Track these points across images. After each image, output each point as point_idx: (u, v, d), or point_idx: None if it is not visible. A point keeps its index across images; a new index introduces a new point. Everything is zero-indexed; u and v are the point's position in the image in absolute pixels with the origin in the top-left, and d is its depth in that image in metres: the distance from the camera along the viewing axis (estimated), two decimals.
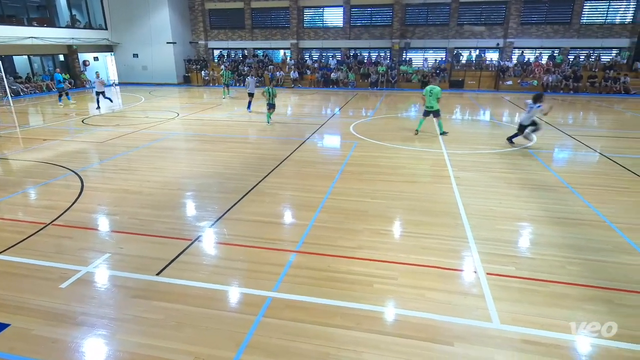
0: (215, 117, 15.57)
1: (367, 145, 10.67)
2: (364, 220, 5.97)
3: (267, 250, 5.13)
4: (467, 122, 14.84)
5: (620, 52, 25.26)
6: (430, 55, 28.13)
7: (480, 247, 5.14)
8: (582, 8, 24.78)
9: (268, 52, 30.38)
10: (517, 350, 3.42)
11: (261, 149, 10.44)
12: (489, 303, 4.03)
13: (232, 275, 4.58)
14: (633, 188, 7.40)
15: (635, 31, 24.39)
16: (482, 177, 8.03)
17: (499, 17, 26.23)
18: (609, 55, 25.57)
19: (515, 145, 10.48)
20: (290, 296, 4.16)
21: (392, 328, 3.73)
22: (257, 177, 7.97)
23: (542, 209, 6.38)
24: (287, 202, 6.86)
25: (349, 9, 27.77)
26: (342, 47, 29.07)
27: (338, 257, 4.93)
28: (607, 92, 22.76)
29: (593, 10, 25.05)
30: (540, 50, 26.18)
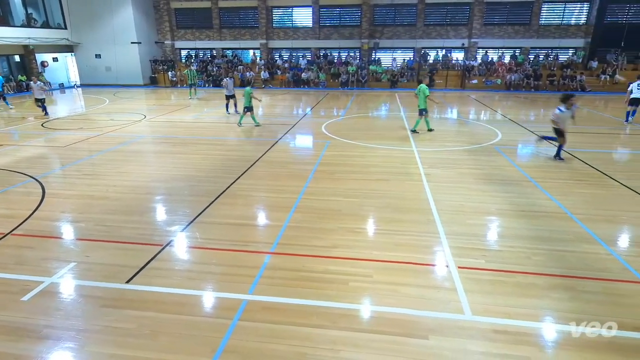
0: (185, 118, 15.23)
1: (340, 145, 10.73)
2: (337, 219, 6.01)
3: (241, 252, 5.07)
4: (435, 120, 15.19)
5: (576, 51, 26.59)
6: (399, 55, 28.64)
7: (451, 242, 5.27)
8: (540, 9, 25.92)
9: (237, 52, 30.02)
10: (488, 340, 3.53)
11: (233, 151, 10.31)
12: (461, 296, 4.14)
13: (206, 280, 4.49)
14: (591, 181, 7.80)
15: (589, 32, 25.75)
16: (452, 173, 8.25)
17: (463, 18, 27.02)
18: (565, 55, 26.86)
19: (564, 160, 9.06)
20: (265, 298, 4.13)
21: (368, 325, 3.77)
22: (229, 179, 7.85)
23: (508, 203, 6.62)
24: (260, 203, 6.81)
25: (317, 9, 27.85)
26: (312, 47, 29.12)
27: (313, 257, 4.93)
28: (565, 90, 23.89)
29: (550, 12, 26.25)
30: (502, 50, 27.17)
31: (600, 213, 6.22)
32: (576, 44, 26.44)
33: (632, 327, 3.66)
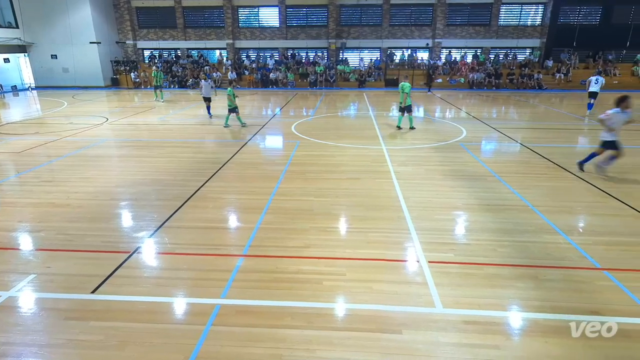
0: (150, 120, 14.77)
1: (310, 145, 10.75)
2: (310, 219, 6.01)
3: (213, 256, 4.98)
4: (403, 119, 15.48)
5: (532, 51, 27.88)
6: (366, 54, 29.02)
7: (421, 237, 5.40)
8: (499, 11, 26.99)
9: (203, 52, 29.44)
10: (459, 331, 3.65)
11: (201, 153, 10.10)
12: (432, 289, 4.25)
13: (176, 286, 4.38)
14: (549, 174, 8.20)
15: (544, 32, 27.07)
16: (420, 170, 8.44)
17: (427, 19, 27.72)
18: (523, 54, 28.10)
19: (607, 174, 8.00)
20: (239, 301, 4.08)
21: (343, 323, 3.80)
22: (198, 182, 7.69)
23: (474, 198, 6.85)
24: (231, 206, 6.71)
25: (284, 9, 27.76)
26: (279, 47, 29.00)
27: (286, 258, 4.91)
28: (524, 88, 25.01)
29: (508, 13, 27.39)
30: (465, 49, 28.08)
31: (559, 204, 6.56)
32: (533, 44, 27.72)
33: (589, 312, 3.87)
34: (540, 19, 27.27)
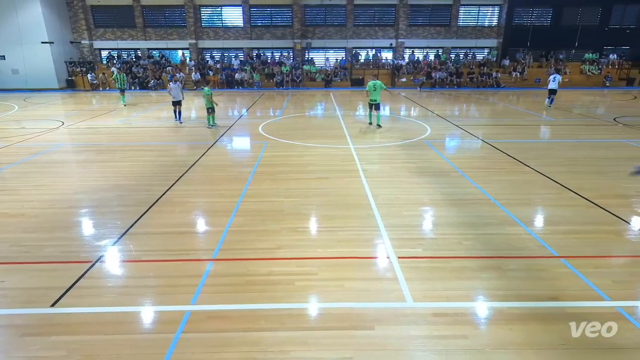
0: (110, 124, 14.19)
1: (278, 145, 10.69)
2: (280, 220, 5.98)
3: (182, 262, 4.85)
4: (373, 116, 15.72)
5: (490, 51, 29.04)
6: (332, 54, 29.21)
7: (390, 234, 5.50)
8: (458, 12, 27.93)
9: (165, 52, 28.62)
10: (429, 323, 3.75)
11: (166, 156, 9.81)
12: (402, 284, 4.34)
13: (143, 294, 4.24)
14: (509, 168, 8.57)
15: (501, 33, 28.28)
16: (387, 168, 8.59)
17: (390, 19, 28.26)
18: (482, 54, 29.22)
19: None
20: (210, 307, 4.00)
21: (316, 322, 3.81)
22: (164, 186, 7.47)
23: (439, 193, 7.06)
24: (199, 209, 6.56)
25: (248, 9, 27.47)
26: (244, 47, 28.66)
27: (257, 260, 4.87)
28: (483, 86, 26.01)
29: (467, 14, 28.41)
30: (427, 49, 28.85)
31: (518, 197, 6.87)
32: (490, 44, 28.90)
33: (548, 298, 4.09)
34: (497, 20, 28.47)
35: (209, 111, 13.10)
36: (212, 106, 13.03)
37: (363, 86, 26.49)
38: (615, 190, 7.16)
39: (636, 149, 10.10)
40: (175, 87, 14.20)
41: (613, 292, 4.16)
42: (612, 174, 8.10)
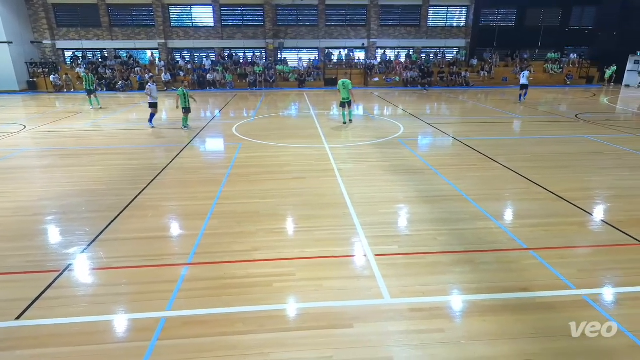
0: (76, 127, 13.66)
1: (252, 146, 10.60)
2: (256, 222, 5.93)
3: (156, 268, 4.73)
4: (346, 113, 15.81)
5: (459, 50, 29.80)
6: (304, 54, 29.20)
7: (367, 232, 5.56)
8: (428, 12, 28.51)
9: (133, 52, 27.81)
10: (407, 318, 3.81)
11: (136, 159, 9.53)
12: (379, 282, 4.39)
13: (116, 302, 4.10)
14: (479, 165, 8.83)
15: (469, 33, 29.06)
16: (362, 167, 8.68)
17: (361, 19, 28.52)
18: (451, 54, 29.95)
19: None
20: (186, 312, 3.92)
21: (295, 323, 3.80)
22: (135, 190, 7.27)
23: (414, 190, 7.18)
24: (172, 213, 6.41)
25: (218, 8, 27.08)
26: (215, 47, 28.23)
27: (234, 263, 4.81)
28: (453, 85, 26.66)
29: (436, 15, 29.04)
30: (398, 49, 29.30)
31: (489, 192, 7.09)
32: (459, 44, 29.65)
33: (519, 289, 4.24)
34: (464, 20, 29.24)
35: (184, 111, 12.83)
36: (187, 106, 12.75)
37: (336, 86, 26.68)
38: (578, 184, 7.50)
39: (597, 143, 10.61)
40: (154, 89, 13.67)
41: (578, 281, 4.36)
42: (576, 168, 8.48)
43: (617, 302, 4.06)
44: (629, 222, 5.83)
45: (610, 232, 5.55)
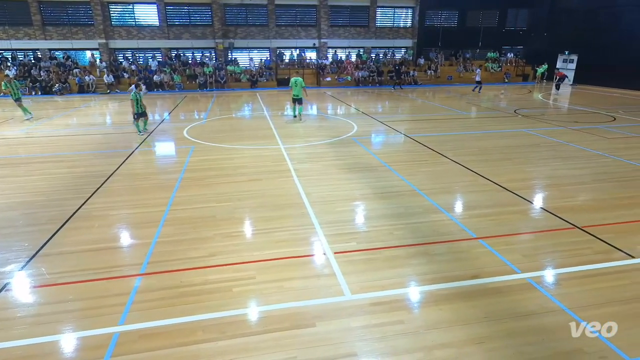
0: (8, 134, 12.56)
1: (205, 149, 10.31)
2: (213, 226, 5.79)
3: (106, 280, 4.47)
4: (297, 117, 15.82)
5: (407, 50, 30.81)
6: (256, 54, 28.83)
7: (325, 231, 5.60)
8: (376, 13, 29.21)
9: (70, 53, 26.04)
10: (368, 313, 3.89)
11: (79, 167, 8.94)
12: (339, 279, 4.45)
13: (62, 321, 3.83)
14: (430, 160, 9.19)
15: (415, 34, 30.13)
16: (318, 166, 8.73)
17: (311, 20, 28.64)
18: (399, 53, 30.89)
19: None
20: (142, 325, 3.74)
21: (257, 327, 3.75)
22: (79, 200, 6.82)
23: (369, 187, 7.34)
24: (122, 222, 6.09)
25: (163, 7, 26.04)
26: (161, 47, 27.12)
27: (191, 270, 4.66)
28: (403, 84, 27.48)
29: (383, 16, 29.80)
30: (349, 49, 29.76)
31: (440, 186, 7.40)
32: (406, 44, 30.64)
33: (470, 276, 4.47)
34: (411, 21, 30.27)
35: (137, 117, 11.97)
36: (140, 111, 11.94)
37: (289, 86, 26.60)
38: (519, 175, 8.04)
39: (534, 136, 11.42)
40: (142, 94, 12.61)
41: (523, 265, 4.68)
42: (517, 160, 9.07)
43: (557, 282, 4.40)
44: (564, 207, 6.34)
45: (548, 218, 6.00)
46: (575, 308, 3.92)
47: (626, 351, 3.38)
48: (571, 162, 8.92)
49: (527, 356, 3.35)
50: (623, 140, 10.91)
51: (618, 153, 9.52)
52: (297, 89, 13.91)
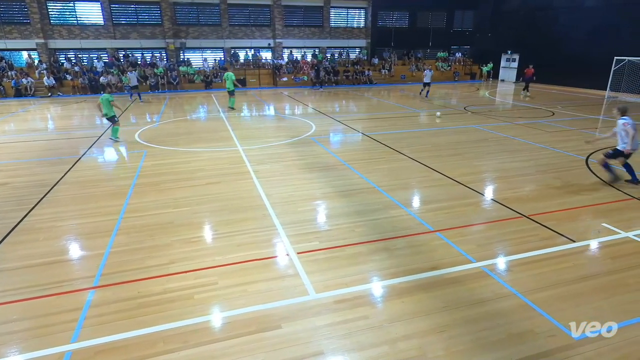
0: None
1: (159, 153, 9.94)
2: (171, 233, 5.59)
3: (54, 296, 4.19)
4: (255, 117, 15.66)
5: (361, 50, 31.36)
6: (209, 55, 28.15)
7: (288, 231, 5.59)
8: (330, 14, 29.48)
9: (4, 54, 24.10)
10: (332, 311, 3.93)
11: (18, 176, 8.30)
12: (304, 279, 4.45)
13: (6, 343, 3.55)
14: (387, 157, 9.42)
15: (369, 34, 30.73)
16: (278, 167, 8.68)
17: (265, 20, 28.40)
18: (354, 53, 31.38)
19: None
20: (97, 341, 3.54)
21: (222, 333, 3.67)
22: (20, 212, 6.34)
23: (329, 186, 7.41)
24: (70, 233, 5.73)
25: (108, 5, 24.75)
26: (107, 47, 25.78)
27: (149, 279, 4.47)
28: (358, 83, 27.99)
29: (337, 16, 30.14)
30: (304, 49, 29.82)
31: (397, 183, 7.61)
32: (360, 44, 31.18)
33: (429, 268, 4.64)
34: (364, 21, 30.84)
35: (112, 121, 11.07)
36: (113, 115, 10.99)
37: (245, 87, 26.19)
38: (470, 169, 8.44)
39: (483, 132, 12.03)
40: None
41: (477, 255, 4.92)
42: (468, 155, 9.51)
43: (508, 269, 4.67)
44: (512, 198, 6.74)
45: (499, 209, 6.35)
46: (525, 292, 4.18)
47: (572, 329, 3.65)
48: (517, 155, 9.49)
49: (484, 340, 3.53)
50: (561, 134, 11.76)
51: (557, 145, 10.25)
52: (228, 82, 16.18)
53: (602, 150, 8.66)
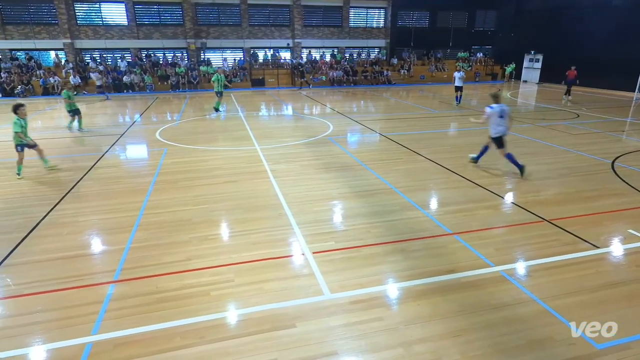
0: None
1: (179, 151, 10.11)
2: (188, 230, 5.68)
3: (77, 289, 4.32)
4: (273, 117, 15.76)
5: (380, 50, 31.18)
6: (229, 55, 28.49)
7: (303, 231, 5.60)
8: (349, 14, 29.41)
9: (33, 53, 24.95)
10: (347, 311, 3.91)
11: (44, 172, 8.57)
12: (319, 279, 4.45)
13: (30, 333, 3.67)
14: (405, 158, 9.34)
15: (388, 34, 30.53)
16: (295, 166, 8.71)
17: (285, 20, 28.55)
18: (373, 53, 31.23)
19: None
20: (116, 333, 3.63)
21: (237, 330, 3.71)
22: (46, 207, 6.55)
23: (346, 186, 7.39)
24: (93, 228, 5.89)
25: (132, 6, 25.34)
26: (131, 47, 26.39)
27: (167, 275, 4.56)
28: (377, 84, 27.84)
29: (357, 16, 30.05)
30: (323, 49, 29.84)
31: (415, 184, 7.53)
32: (379, 44, 31.00)
33: (446, 271, 4.57)
34: (383, 21, 30.65)
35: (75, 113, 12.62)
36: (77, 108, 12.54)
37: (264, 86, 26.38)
38: (491, 171, 8.28)
39: None
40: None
41: (496, 259, 4.82)
42: (488, 156, 9.32)
43: (528, 274, 4.56)
44: (533, 202, 6.58)
45: (519, 212, 6.21)
46: (546, 298, 4.07)
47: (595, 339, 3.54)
48: (539, 157, 9.27)
49: (501, 346, 3.46)
50: (585, 136, 11.41)
51: (581, 148, 9.96)
52: (217, 84, 15.94)
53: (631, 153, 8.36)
